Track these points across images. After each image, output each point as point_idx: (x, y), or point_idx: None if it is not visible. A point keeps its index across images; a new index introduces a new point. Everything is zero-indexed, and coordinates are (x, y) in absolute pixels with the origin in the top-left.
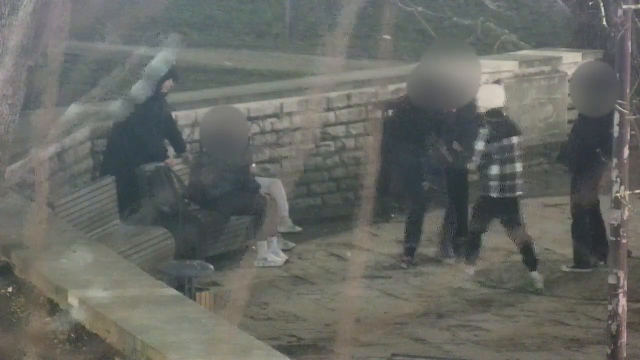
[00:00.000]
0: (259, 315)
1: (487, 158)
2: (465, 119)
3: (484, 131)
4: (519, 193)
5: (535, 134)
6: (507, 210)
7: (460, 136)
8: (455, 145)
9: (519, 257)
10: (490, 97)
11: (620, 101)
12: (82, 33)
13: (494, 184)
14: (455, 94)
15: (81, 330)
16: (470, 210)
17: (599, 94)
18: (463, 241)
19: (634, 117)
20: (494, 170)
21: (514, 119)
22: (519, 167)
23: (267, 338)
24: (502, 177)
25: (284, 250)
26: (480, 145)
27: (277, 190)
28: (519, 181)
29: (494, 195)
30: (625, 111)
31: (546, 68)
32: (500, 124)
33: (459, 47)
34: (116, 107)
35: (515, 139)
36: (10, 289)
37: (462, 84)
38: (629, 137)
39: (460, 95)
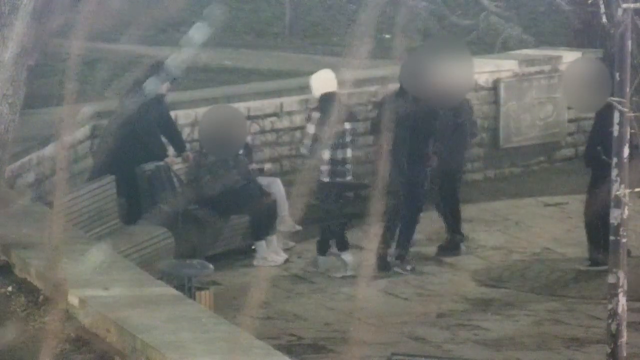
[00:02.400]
0: (259, 315)
1: (318, 142)
2: (459, 118)
3: (315, 115)
4: (349, 178)
5: (535, 133)
6: (335, 194)
7: (454, 135)
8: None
9: (519, 257)
10: (323, 83)
11: (615, 98)
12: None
13: (325, 168)
14: (448, 93)
15: (81, 329)
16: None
17: (592, 91)
18: (458, 239)
19: (633, 115)
20: (326, 155)
21: (348, 104)
22: (349, 152)
23: (267, 337)
24: (333, 162)
25: (284, 250)
26: (311, 129)
27: (276, 189)
28: (349, 166)
29: (325, 179)
30: (625, 109)
31: (546, 67)
32: (334, 108)
33: (453, 45)
34: (150, 82)
35: (348, 125)
36: (10, 289)
37: (455, 82)
38: (629, 135)
39: (452, 93)
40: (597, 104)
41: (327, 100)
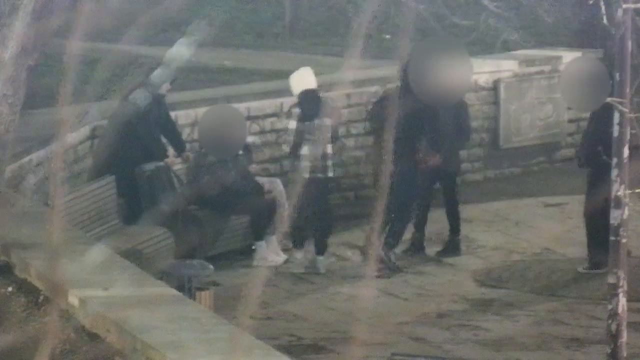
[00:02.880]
0: (259, 315)
1: (299, 138)
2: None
3: (296, 110)
4: (330, 175)
5: (535, 133)
6: (317, 191)
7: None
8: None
9: (519, 257)
10: (302, 81)
11: (613, 98)
12: (86, 34)
13: (305, 164)
14: (446, 91)
15: (81, 330)
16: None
17: (589, 90)
18: (457, 239)
19: (634, 115)
20: (305, 150)
21: (328, 101)
22: (330, 148)
23: (267, 338)
24: (314, 158)
25: (283, 250)
26: (292, 124)
27: (277, 189)
28: (329, 162)
29: (305, 175)
30: (625, 110)
31: (546, 67)
32: (314, 105)
33: (450, 44)
34: (139, 95)
35: (328, 121)
36: (10, 289)
37: (453, 81)
38: (629, 136)
39: (450, 92)
40: (594, 103)
41: (306, 97)
